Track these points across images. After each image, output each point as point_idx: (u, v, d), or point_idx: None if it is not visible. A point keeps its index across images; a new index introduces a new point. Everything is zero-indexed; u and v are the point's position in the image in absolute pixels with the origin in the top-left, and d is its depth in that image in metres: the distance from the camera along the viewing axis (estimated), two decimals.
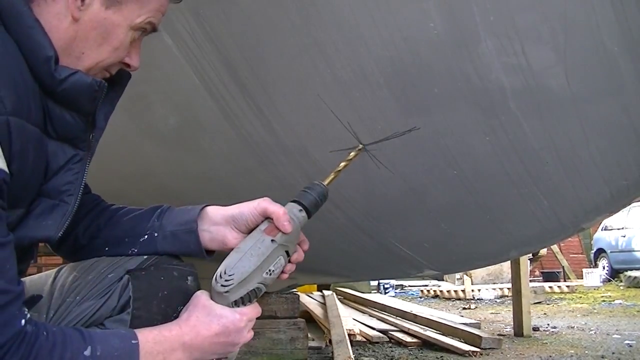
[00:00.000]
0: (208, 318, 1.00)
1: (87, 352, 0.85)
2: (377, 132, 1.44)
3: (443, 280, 11.22)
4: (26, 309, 0.86)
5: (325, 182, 1.15)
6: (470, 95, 1.60)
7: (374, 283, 9.82)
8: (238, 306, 1.02)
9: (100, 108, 1.01)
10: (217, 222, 1.12)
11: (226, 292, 1.01)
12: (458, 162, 1.80)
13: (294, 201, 1.11)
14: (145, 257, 1.12)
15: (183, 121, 2.14)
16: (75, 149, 0.97)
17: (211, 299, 1.03)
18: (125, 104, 2.34)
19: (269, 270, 1.04)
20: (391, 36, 1.54)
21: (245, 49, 1.76)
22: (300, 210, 1.10)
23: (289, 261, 1.08)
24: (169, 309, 1.08)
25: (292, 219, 1.07)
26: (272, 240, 1.05)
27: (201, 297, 1.04)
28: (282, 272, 1.08)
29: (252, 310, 1.05)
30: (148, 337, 0.93)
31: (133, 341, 0.91)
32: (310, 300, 5.63)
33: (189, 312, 1.02)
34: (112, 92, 1.05)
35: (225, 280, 1.01)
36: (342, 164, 1.22)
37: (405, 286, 11.20)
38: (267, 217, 1.07)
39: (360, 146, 1.28)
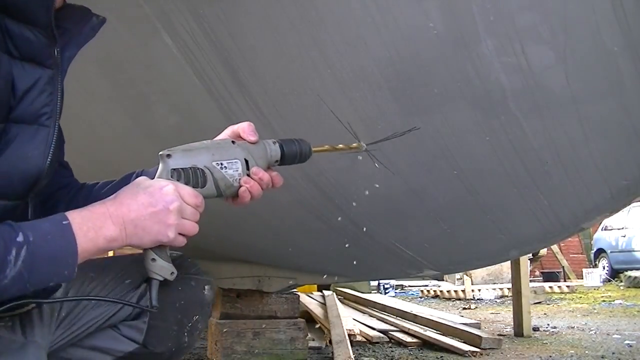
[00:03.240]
0: (135, 189, 0.95)
1: (19, 239, 0.82)
2: (377, 132, 1.44)
3: (443, 280, 11.21)
4: None
5: (314, 148, 1.15)
6: (470, 95, 1.60)
7: (374, 283, 9.81)
8: (178, 180, 0.98)
9: (65, 50, 0.99)
10: None
11: (168, 154, 0.99)
12: (458, 162, 1.80)
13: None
14: None
15: (183, 121, 2.14)
16: (43, 67, 0.94)
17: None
18: (125, 103, 2.35)
19: (221, 163, 1.02)
20: (391, 36, 1.54)
21: (245, 49, 1.76)
22: (275, 143, 1.10)
23: (249, 175, 1.05)
24: (185, 319, 1.08)
25: (261, 141, 1.08)
26: (232, 142, 1.05)
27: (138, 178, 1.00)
28: (240, 185, 1.04)
29: (190, 191, 0.97)
30: (75, 216, 0.89)
31: (64, 222, 0.87)
32: (310, 300, 5.63)
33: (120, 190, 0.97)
34: (80, 36, 1.04)
35: (171, 147, 1.01)
36: (340, 145, 1.22)
37: (405, 286, 11.19)
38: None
39: (361, 146, 1.28)
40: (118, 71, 2.16)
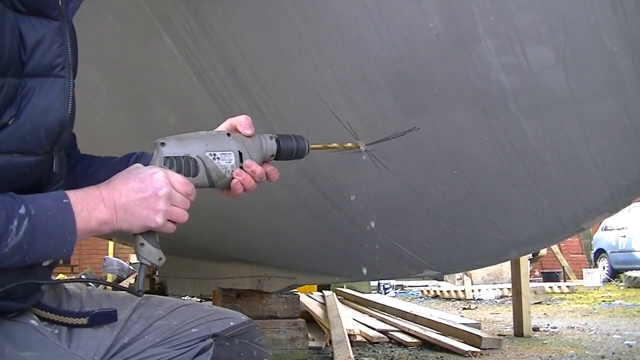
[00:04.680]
0: (128, 175, 0.97)
1: (21, 210, 0.84)
2: (377, 132, 1.44)
3: (443, 280, 11.20)
4: None
5: (312, 145, 1.16)
6: (470, 95, 1.60)
7: (374, 283, 9.80)
8: (170, 168, 1.00)
9: (69, 2, 0.99)
10: None
11: (162, 142, 1.01)
12: (458, 162, 1.80)
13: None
14: (232, 323, 1.12)
15: (183, 121, 2.15)
16: (49, 19, 0.94)
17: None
18: (125, 104, 2.34)
19: (214, 153, 1.03)
20: (391, 36, 1.54)
21: (245, 49, 1.76)
22: (271, 138, 1.11)
23: (242, 167, 1.05)
24: None
25: (257, 135, 1.09)
26: (228, 134, 1.06)
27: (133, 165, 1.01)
28: (232, 176, 1.04)
29: (180, 179, 0.99)
30: (71, 196, 0.91)
31: (64, 200, 0.89)
32: (310, 301, 5.63)
33: (114, 176, 0.99)
34: None
35: (166, 136, 1.02)
36: (335, 144, 1.22)
37: (405, 286, 11.18)
38: None
39: (361, 146, 1.28)
40: (118, 71, 2.16)
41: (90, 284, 1.20)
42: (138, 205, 0.94)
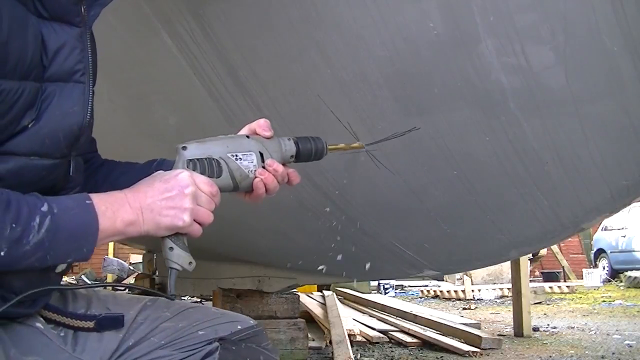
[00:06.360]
0: (152, 179, 0.98)
1: (44, 208, 0.84)
2: (377, 132, 1.44)
3: (443, 280, 11.20)
4: None
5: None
6: (470, 95, 1.60)
7: (374, 283, 9.80)
8: (193, 170, 1.00)
9: (90, 9, 1.01)
10: None
11: (184, 146, 1.01)
12: (458, 162, 1.80)
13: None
14: (239, 327, 1.12)
15: (183, 121, 2.15)
16: (71, 26, 0.95)
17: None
18: (125, 103, 2.35)
19: (235, 154, 1.03)
20: (391, 36, 1.54)
21: (245, 49, 1.76)
22: (290, 139, 1.12)
23: (264, 167, 1.06)
24: None
25: (276, 137, 1.09)
26: (247, 136, 1.07)
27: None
28: (255, 176, 1.05)
29: (204, 179, 0.99)
30: (94, 197, 0.91)
31: (87, 201, 0.89)
32: (310, 301, 5.63)
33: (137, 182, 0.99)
34: None
35: (188, 140, 1.03)
36: (341, 145, 1.23)
37: (405, 286, 11.18)
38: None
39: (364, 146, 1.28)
40: (118, 71, 2.16)
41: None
42: (165, 205, 0.94)
